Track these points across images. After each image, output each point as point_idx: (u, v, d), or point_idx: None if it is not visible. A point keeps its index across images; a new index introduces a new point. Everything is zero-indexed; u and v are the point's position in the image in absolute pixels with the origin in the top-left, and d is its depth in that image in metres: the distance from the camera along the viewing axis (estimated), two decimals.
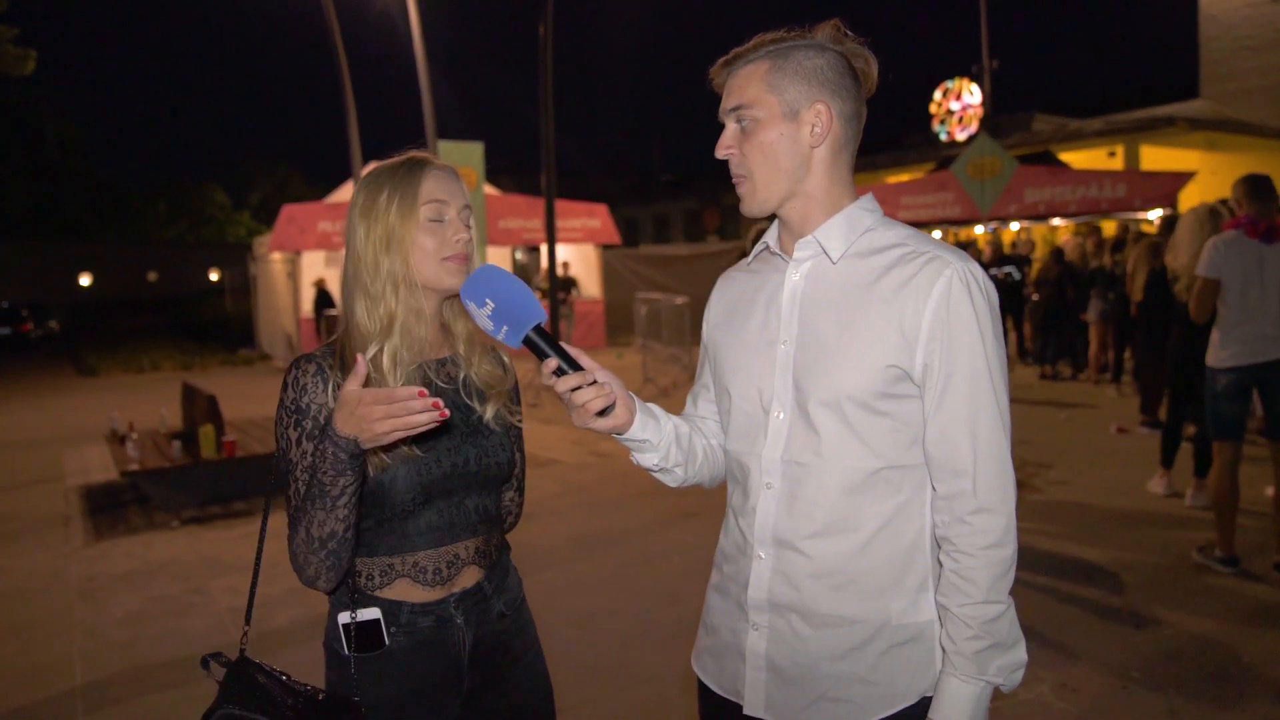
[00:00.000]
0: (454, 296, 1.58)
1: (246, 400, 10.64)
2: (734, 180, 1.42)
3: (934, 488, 1.34)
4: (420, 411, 1.27)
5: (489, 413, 1.60)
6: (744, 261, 1.61)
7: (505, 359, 1.68)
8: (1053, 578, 4.43)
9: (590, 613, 4.27)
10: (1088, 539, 4.99)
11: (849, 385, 1.32)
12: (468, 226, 1.55)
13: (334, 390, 1.47)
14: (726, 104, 1.40)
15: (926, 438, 1.33)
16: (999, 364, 1.32)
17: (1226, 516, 4.42)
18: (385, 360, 1.49)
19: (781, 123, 1.35)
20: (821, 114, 1.35)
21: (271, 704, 1.46)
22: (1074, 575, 4.45)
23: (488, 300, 1.37)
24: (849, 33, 1.38)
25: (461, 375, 1.61)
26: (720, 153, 1.41)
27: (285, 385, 1.48)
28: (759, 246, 1.53)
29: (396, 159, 1.56)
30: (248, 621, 1.61)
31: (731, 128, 1.40)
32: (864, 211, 1.41)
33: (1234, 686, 3.31)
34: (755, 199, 1.40)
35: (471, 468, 1.55)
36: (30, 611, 4.68)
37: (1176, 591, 4.19)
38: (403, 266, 1.50)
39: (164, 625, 4.37)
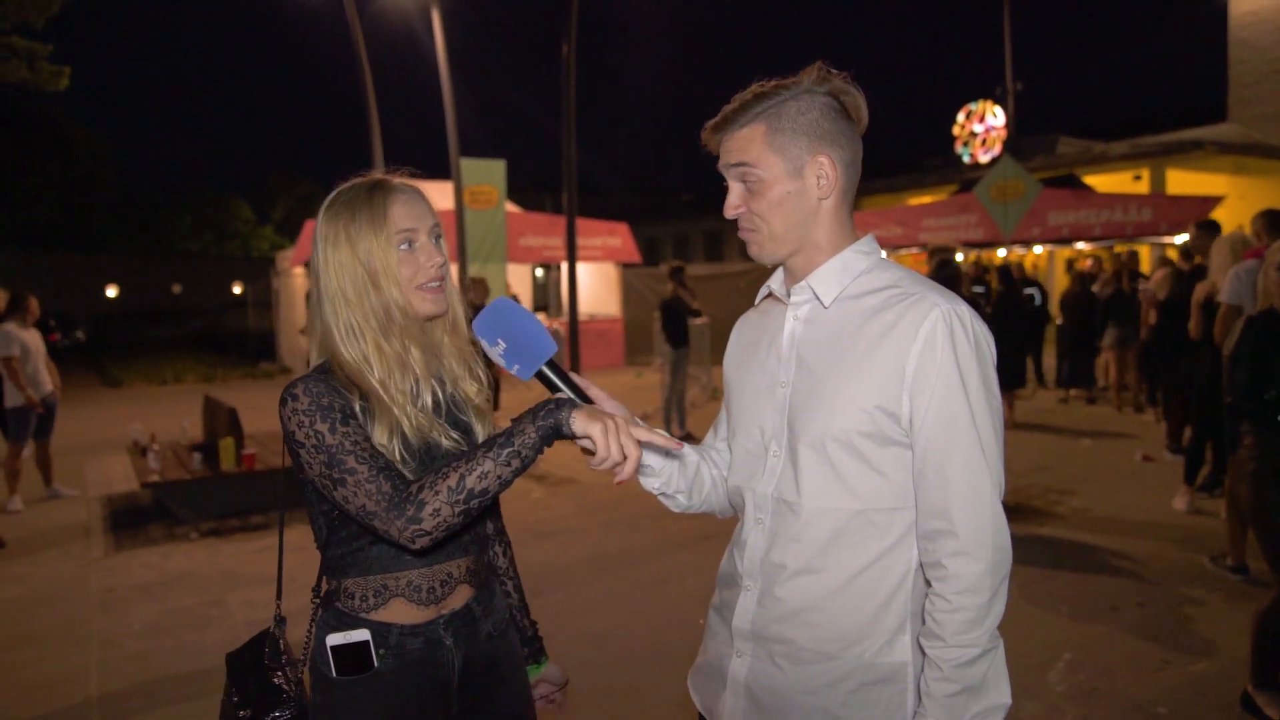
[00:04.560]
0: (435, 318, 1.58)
1: (267, 413, 10.67)
2: (741, 234, 1.44)
3: (917, 527, 1.34)
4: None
5: (478, 429, 1.60)
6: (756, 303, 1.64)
7: (482, 372, 1.66)
8: (1076, 608, 4.35)
9: (603, 633, 4.23)
10: (1111, 568, 4.90)
11: (834, 427, 1.34)
12: (439, 249, 1.53)
13: (358, 405, 1.44)
14: (727, 160, 1.41)
15: (913, 477, 1.33)
16: (985, 407, 1.31)
17: (1237, 527, 4.58)
18: (385, 395, 1.46)
19: (787, 180, 1.37)
20: (825, 166, 1.37)
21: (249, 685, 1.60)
22: (1097, 605, 4.37)
23: (499, 340, 1.42)
24: (832, 71, 1.38)
25: (450, 394, 1.59)
26: (730, 213, 1.44)
27: (294, 397, 1.41)
28: (763, 291, 1.56)
29: (359, 182, 1.52)
30: (279, 597, 1.72)
31: (737, 188, 1.42)
32: (859, 255, 1.42)
33: None
34: (765, 250, 1.43)
35: None
36: (49, 621, 4.71)
37: (1204, 622, 4.11)
38: (385, 299, 1.47)
39: (181, 638, 4.38)
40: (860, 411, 1.32)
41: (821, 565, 1.36)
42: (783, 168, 1.37)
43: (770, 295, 1.54)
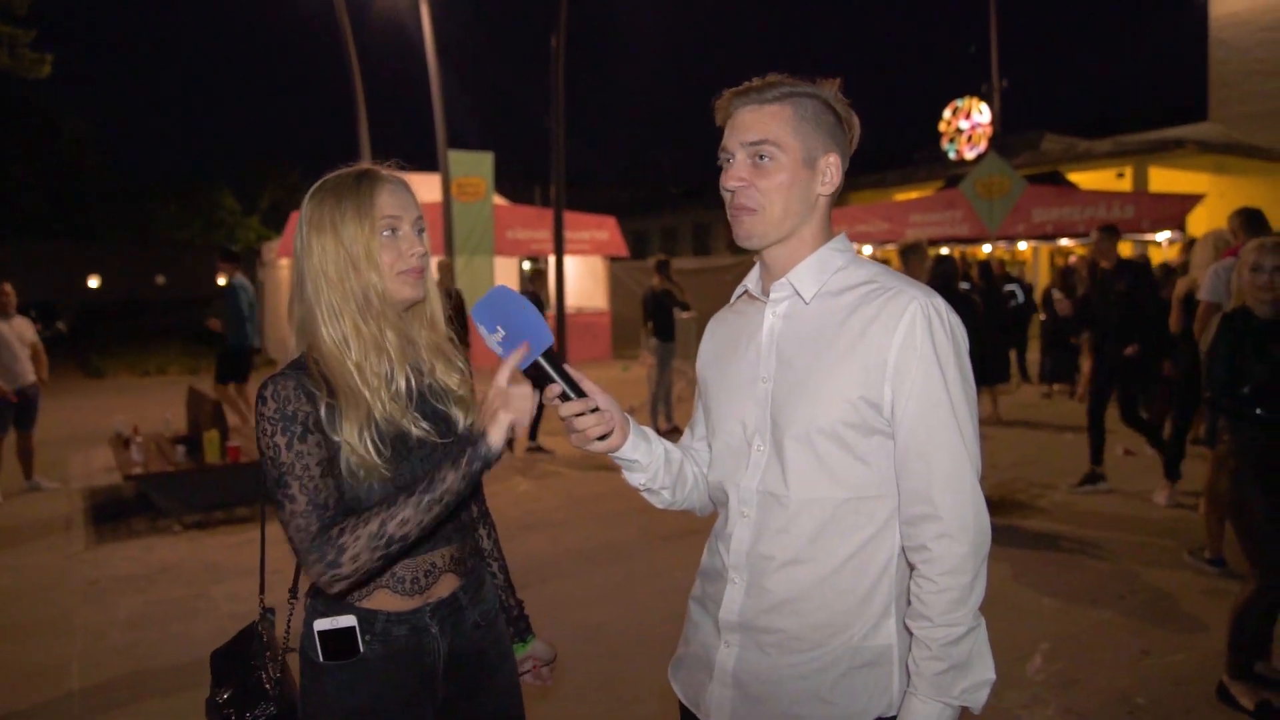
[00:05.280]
0: (413, 306, 1.59)
1: (252, 406, 10.63)
2: (737, 210, 1.44)
3: (900, 513, 1.38)
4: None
5: (462, 420, 1.61)
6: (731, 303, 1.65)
7: (460, 364, 1.67)
8: (1056, 600, 4.40)
9: (595, 626, 4.25)
10: (1092, 560, 4.96)
11: (819, 419, 1.37)
12: (421, 240, 1.56)
13: (324, 406, 1.46)
14: (744, 137, 1.41)
15: (895, 464, 1.37)
16: (963, 395, 1.36)
17: (1216, 520, 4.62)
18: (357, 377, 1.48)
19: (800, 168, 1.41)
20: (833, 165, 1.43)
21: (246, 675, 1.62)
22: (1078, 597, 4.42)
23: (499, 328, 1.43)
24: (840, 96, 1.45)
25: (428, 384, 1.61)
26: (732, 183, 1.43)
27: (263, 399, 1.45)
28: (739, 290, 1.58)
29: (345, 171, 1.55)
30: (262, 592, 1.74)
31: (744, 161, 1.42)
32: (835, 252, 1.46)
33: (1243, 714, 3.28)
34: (757, 233, 1.44)
35: None
36: (32, 614, 4.68)
37: (1183, 614, 4.16)
38: (365, 282, 1.49)
39: (165, 630, 4.37)
40: (845, 403, 1.36)
41: (809, 555, 1.39)
42: (800, 154, 1.40)
43: (746, 294, 1.56)
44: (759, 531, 1.43)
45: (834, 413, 1.36)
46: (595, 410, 1.43)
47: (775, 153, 1.39)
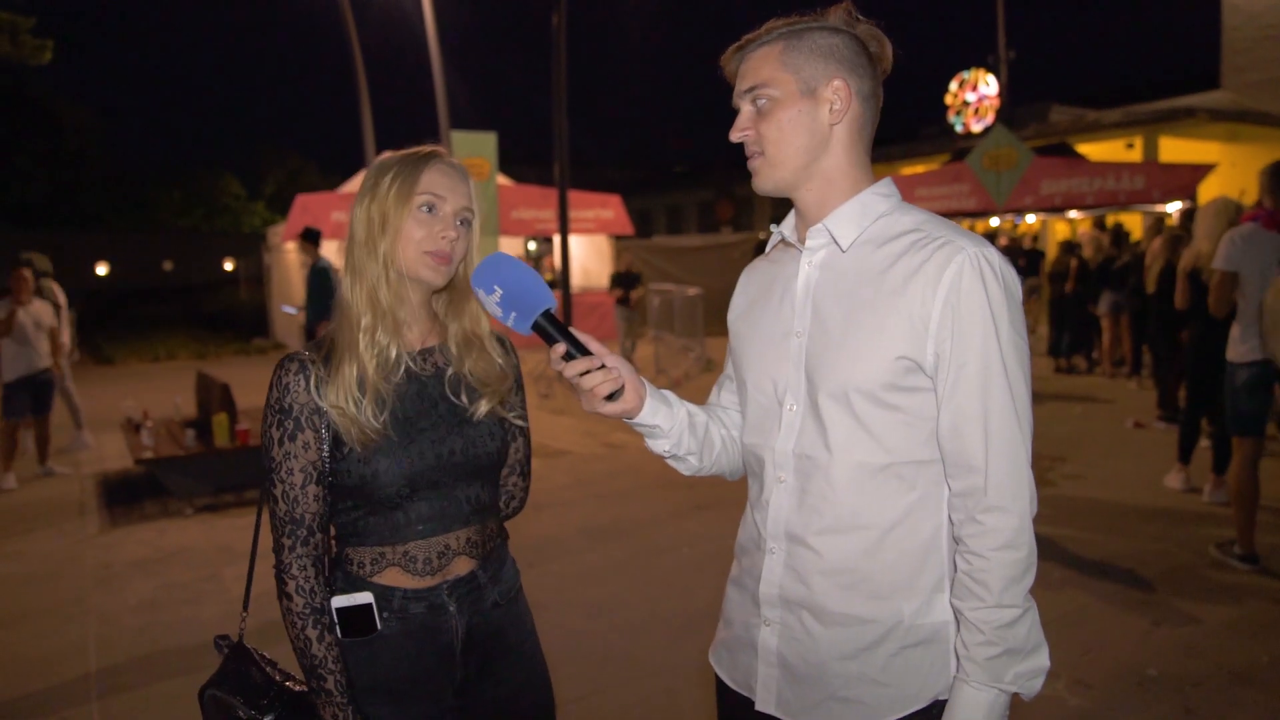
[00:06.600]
0: (444, 290, 1.60)
1: (260, 389, 10.63)
2: (748, 159, 1.38)
3: (948, 484, 1.29)
4: None
5: (481, 409, 1.59)
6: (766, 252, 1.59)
7: (500, 361, 1.64)
8: (1067, 572, 4.39)
9: (600, 604, 4.26)
10: (1103, 533, 4.94)
11: (857, 377, 1.28)
12: (460, 228, 1.53)
13: (315, 387, 1.47)
14: (741, 86, 1.37)
15: (939, 431, 1.28)
16: (1016, 355, 1.25)
17: (1247, 513, 4.35)
18: (361, 340, 1.49)
19: (799, 100, 1.32)
20: (840, 90, 1.32)
21: (253, 691, 1.57)
22: (1089, 570, 4.41)
23: (496, 287, 1.40)
24: (860, 17, 1.35)
25: (447, 366, 1.60)
26: (736, 135, 1.38)
27: (271, 385, 1.50)
28: (774, 237, 1.50)
29: (410, 150, 1.56)
30: (245, 609, 1.75)
31: (747, 109, 1.37)
32: (879, 197, 1.36)
33: (1253, 686, 3.28)
34: (771, 175, 1.36)
35: (458, 459, 1.55)
36: (46, 598, 4.72)
37: (1194, 588, 4.15)
38: (389, 248, 1.50)
39: (177, 612, 4.40)
40: (884, 362, 1.27)
41: (850, 522, 1.31)
42: (795, 86, 1.31)
43: (782, 243, 1.48)
44: (797, 497, 1.35)
45: (873, 372, 1.27)
46: (602, 368, 1.36)
47: (769, 92, 1.32)
